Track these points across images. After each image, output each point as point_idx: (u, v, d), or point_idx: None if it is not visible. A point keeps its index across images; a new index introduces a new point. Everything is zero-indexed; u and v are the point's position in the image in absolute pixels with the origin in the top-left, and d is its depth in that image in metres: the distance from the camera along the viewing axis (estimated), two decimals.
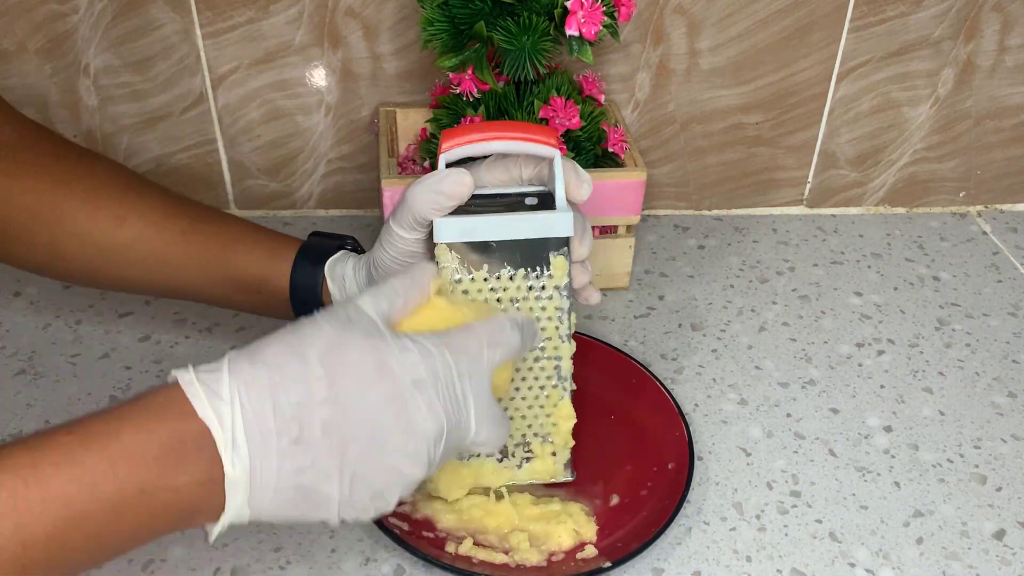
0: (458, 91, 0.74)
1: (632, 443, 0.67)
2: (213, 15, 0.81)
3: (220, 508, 0.43)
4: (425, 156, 0.80)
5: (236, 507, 0.43)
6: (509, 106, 0.75)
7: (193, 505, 0.43)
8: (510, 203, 0.58)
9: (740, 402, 0.73)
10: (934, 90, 0.89)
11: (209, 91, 0.85)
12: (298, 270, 0.62)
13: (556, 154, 0.56)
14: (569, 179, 0.57)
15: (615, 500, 0.64)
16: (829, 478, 0.68)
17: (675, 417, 0.67)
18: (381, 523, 0.59)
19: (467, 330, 0.49)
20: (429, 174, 0.56)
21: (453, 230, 0.56)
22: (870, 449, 0.70)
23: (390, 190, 0.74)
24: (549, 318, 0.58)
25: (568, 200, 0.57)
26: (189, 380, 0.43)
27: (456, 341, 0.48)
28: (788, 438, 0.71)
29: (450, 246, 0.56)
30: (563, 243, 0.57)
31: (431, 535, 0.60)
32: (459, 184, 0.55)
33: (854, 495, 0.66)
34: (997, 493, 0.67)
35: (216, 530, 0.44)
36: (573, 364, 0.60)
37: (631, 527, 0.61)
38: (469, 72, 0.73)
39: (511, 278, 0.57)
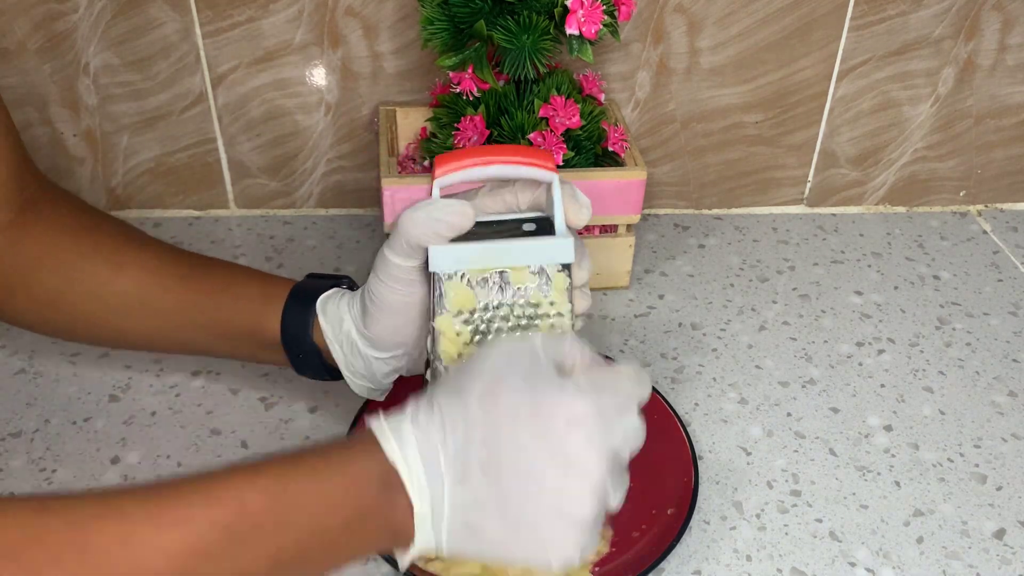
0: (458, 90, 0.74)
1: (636, 481, 0.65)
2: (213, 14, 0.81)
3: (412, 536, 0.47)
4: (425, 155, 0.80)
5: (424, 538, 0.47)
6: (509, 105, 0.75)
7: (397, 531, 0.47)
8: (508, 229, 0.56)
9: (740, 401, 0.73)
10: (934, 89, 0.89)
11: (209, 90, 0.85)
12: (288, 312, 0.61)
13: (554, 178, 0.55)
14: (568, 204, 0.55)
15: (607, 534, 0.62)
16: (829, 477, 0.68)
17: (688, 461, 0.65)
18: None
19: (614, 372, 0.50)
20: (425, 201, 0.54)
21: (449, 259, 0.54)
22: (870, 448, 0.70)
23: (390, 189, 0.74)
24: (552, 326, 0.56)
25: (566, 225, 0.56)
26: (379, 427, 0.47)
27: (607, 381, 0.49)
28: (788, 437, 0.71)
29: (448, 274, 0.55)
30: (564, 268, 0.56)
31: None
32: (460, 215, 0.53)
33: (854, 494, 0.66)
34: (997, 492, 0.67)
35: (407, 559, 0.48)
36: None
37: (615, 566, 0.60)
38: (469, 71, 0.73)
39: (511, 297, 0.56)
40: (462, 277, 0.55)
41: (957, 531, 0.64)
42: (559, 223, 0.55)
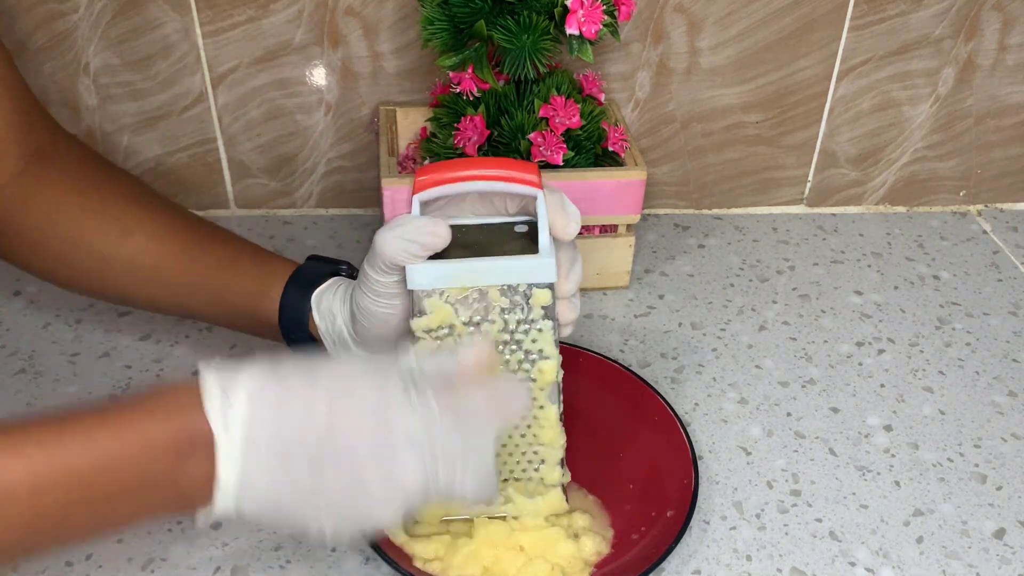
0: (458, 90, 0.74)
1: (637, 483, 0.65)
2: (213, 14, 0.81)
3: (206, 502, 0.46)
4: (425, 155, 0.80)
5: (224, 508, 0.46)
6: (509, 105, 0.75)
7: (190, 498, 0.46)
8: (499, 233, 0.56)
9: (740, 401, 0.73)
10: (934, 89, 0.89)
11: (209, 90, 0.85)
12: (287, 298, 0.61)
13: (539, 194, 0.53)
14: (555, 217, 0.54)
15: (607, 535, 0.62)
16: (829, 477, 0.68)
17: (688, 461, 0.64)
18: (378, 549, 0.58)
19: (478, 396, 0.49)
20: (400, 218, 0.53)
21: (427, 277, 0.54)
22: (870, 448, 0.70)
23: (390, 189, 0.74)
24: (534, 340, 0.56)
25: (554, 237, 0.54)
26: (208, 382, 0.45)
27: (466, 406, 0.48)
28: (788, 437, 0.71)
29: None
30: (546, 285, 0.55)
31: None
32: (433, 235, 0.53)
33: (854, 494, 0.66)
34: (997, 492, 0.67)
35: (201, 520, 0.47)
36: (562, 383, 0.58)
37: (615, 566, 0.59)
38: (469, 71, 0.73)
39: (490, 315, 0.55)
40: (441, 294, 0.54)
41: (957, 531, 0.64)
42: (543, 241, 0.54)
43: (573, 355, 0.70)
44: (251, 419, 0.45)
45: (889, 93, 0.89)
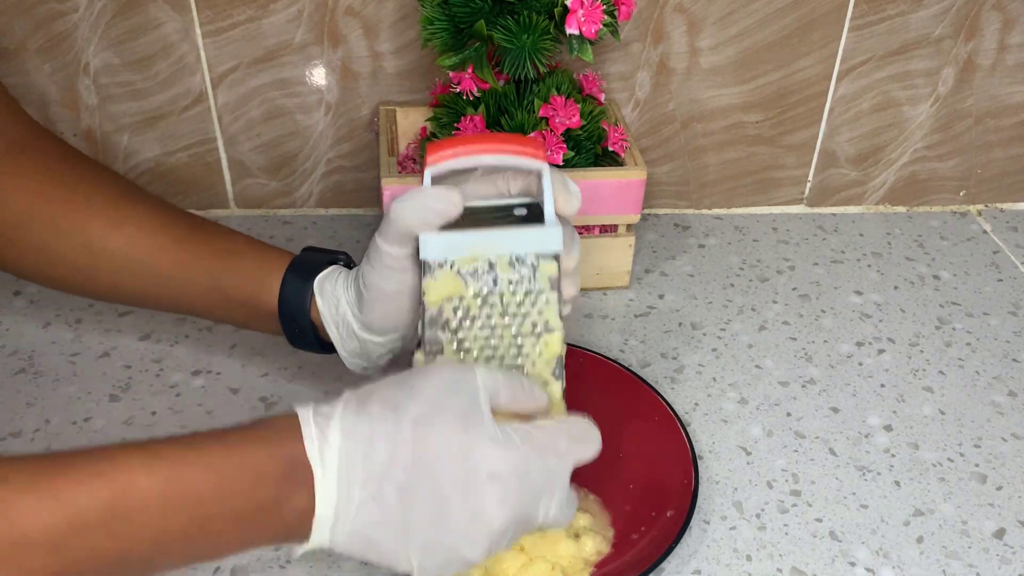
0: (458, 90, 0.74)
1: (637, 483, 0.65)
2: (213, 14, 0.81)
3: (307, 535, 0.48)
4: (425, 155, 0.80)
5: (319, 540, 0.48)
6: (509, 105, 0.75)
7: (290, 528, 0.48)
8: (499, 216, 0.57)
9: (740, 401, 0.73)
10: (934, 89, 0.89)
11: (209, 90, 0.85)
12: (287, 286, 0.61)
13: (544, 167, 0.55)
14: (558, 192, 0.56)
15: (608, 534, 0.62)
16: (829, 477, 0.68)
17: (688, 461, 0.64)
18: None
19: (556, 428, 0.51)
20: (414, 189, 0.55)
21: (439, 247, 0.55)
22: (870, 448, 0.70)
23: (390, 189, 0.74)
24: (540, 312, 0.57)
25: (557, 214, 0.56)
26: (305, 419, 0.47)
27: (545, 439, 0.50)
28: (788, 437, 0.71)
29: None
30: (552, 256, 0.56)
31: None
32: (447, 202, 0.54)
33: (854, 494, 0.66)
34: (997, 492, 0.67)
35: (299, 552, 0.49)
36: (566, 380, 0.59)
37: (615, 566, 0.59)
38: (469, 71, 0.73)
39: (497, 282, 0.56)
40: (451, 266, 0.55)
41: (957, 531, 0.64)
42: (548, 211, 0.56)
43: (573, 355, 0.70)
44: (344, 455, 0.47)
45: (889, 93, 0.89)
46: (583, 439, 0.51)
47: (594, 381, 0.70)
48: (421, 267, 0.56)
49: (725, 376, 0.76)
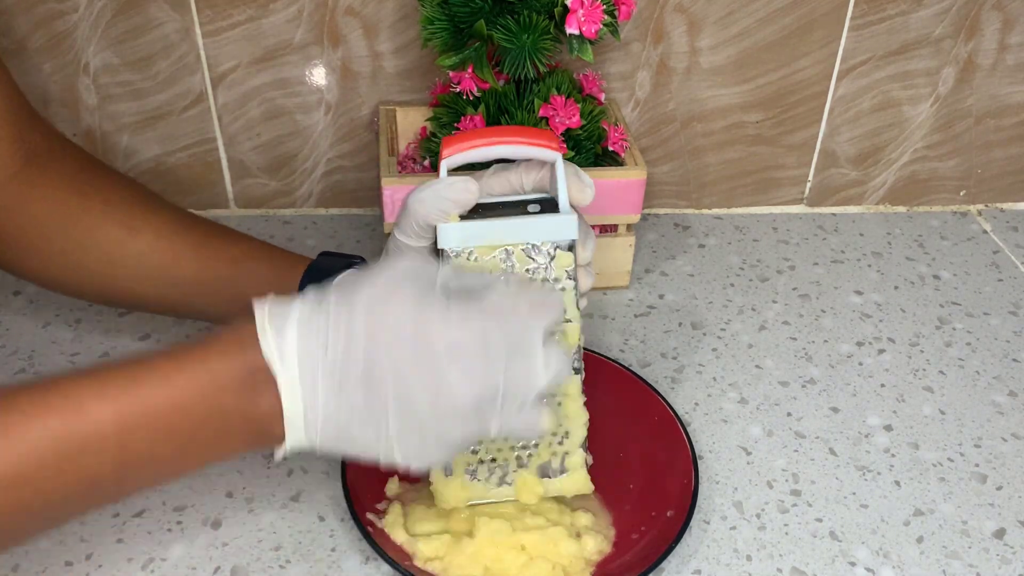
0: (458, 90, 0.74)
1: (637, 483, 0.65)
2: (213, 13, 0.81)
3: (282, 437, 0.48)
4: (425, 155, 0.80)
5: (294, 438, 0.48)
6: (509, 105, 0.75)
7: (261, 431, 0.48)
8: (513, 210, 0.57)
9: (740, 401, 0.73)
10: (934, 89, 0.89)
11: (209, 90, 0.85)
12: (304, 289, 0.61)
13: (558, 157, 0.56)
14: (571, 183, 0.56)
15: (610, 534, 0.62)
16: (829, 477, 0.67)
17: (688, 461, 0.64)
18: (375, 544, 0.58)
19: (513, 294, 0.49)
20: (431, 181, 0.55)
21: (458, 236, 0.55)
22: (870, 448, 0.70)
23: (390, 189, 0.74)
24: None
25: (571, 204, 0.57)
26: (261, 320, 0.47)
27: (502, 304, 0.49)
28: (788, 437, 0.71)
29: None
30: (568, 246, 0.57)
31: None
32: (465, 191, 0.54)
33: (854, 494, 0.66)
34: (997, 492, 0.67)
35: (279, 454, 0.49)
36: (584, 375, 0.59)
37: (615, 566, 0.59)
38: (469, 71, 0.73)
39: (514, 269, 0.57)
40: (470, 255, 0.56)
41: (957, 531, 0.64)
42: (563, 201, 0.56)
43: None
44: (302, 351, 0.47)
45: (889, 93, 0.89)
46: (543, 302, 0.50)
47: (594, 381, 0.70)
48: (439, 257, 0.56)
49: (725, 376, 0.76)
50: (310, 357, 0.47)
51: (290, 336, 0.47)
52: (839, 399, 0.74)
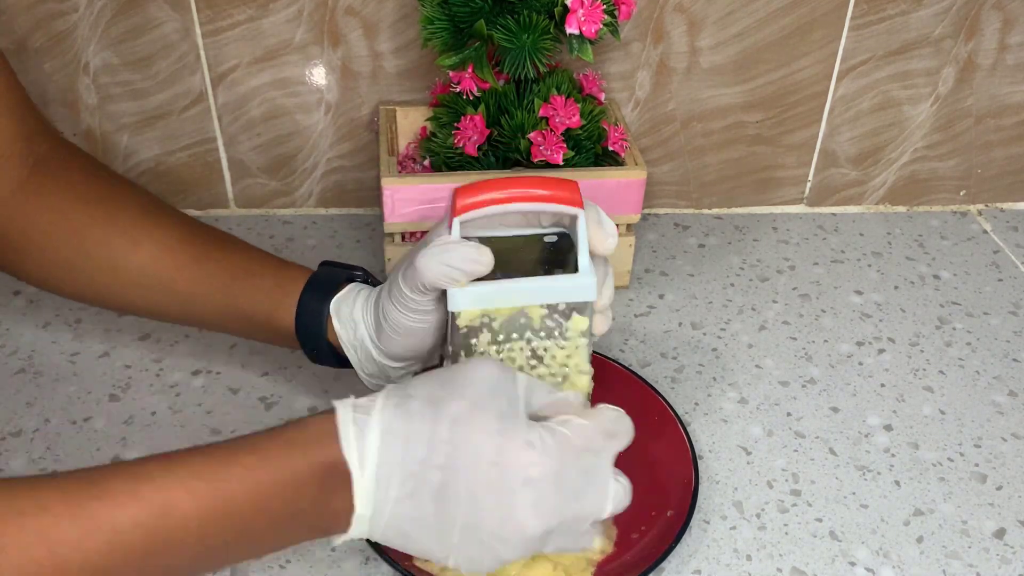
0: (458, 89, 0.74)
1: (637, 482, 0.65)
2: (213, 13, 0.81)
3: (346, 529, 0.49)
4: (425, 155, 0.80)
5: (359, 533, 0.49)
6: (509, 105, 0.75)
7: (329, 526, 0.49)
8: (528, 245, 0.56)
9: (740, 401, 0.73)
10: (935, 88, 0.89)
11: (209, 89, 0.85)
12: (303, 306, 0.61)
13: (580, 213, 0.54)
14: (593, 231, 0.55)
15: (612, 533, 0.62)
16: (829, 477, 0.67)
17: (688, 461, 0.64)
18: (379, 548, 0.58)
19: (590, 427, 0.50)
20: (441, 242, 0.53)
21: (468, 299, 0.54)
22: (870, 448, 0.70)
23: (390, 189, 0.74)
24: (568, 356, 0.56)
25: (591, 252, 0.55)
26: (344, 419, 0.48)
27: (579, 440, 0.50)
28: (788, 437, 0.70)
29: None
30: (585, 308, 0.55)
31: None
32: (476, 263, 0.53)
33: (854, 494, 0.66)
34: (997, 492, 0.67)
35: (338, 542, 0.50)
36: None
37: (615, 566, 0.59)
38: (469, 70, 0.73)
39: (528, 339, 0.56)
40: (480, 316, 0.55)
41: (957, 531, 0.64)
42: (583, 261, 0.54)
43: None
44: (382, 455, 0.47)
45: (889, 93, 0.89)
46: (616, 431, 0.51)
47: (594, 381, 0.70)
48: (448, 317, 0.55)
49: (725, 376, 0.75)
50: (388, 460, 0.47)
51: (371, 438, 0.47)
52: (839, 399, 0.74)
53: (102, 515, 0.43)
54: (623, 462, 0.66)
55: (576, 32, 0.69)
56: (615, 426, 0.51)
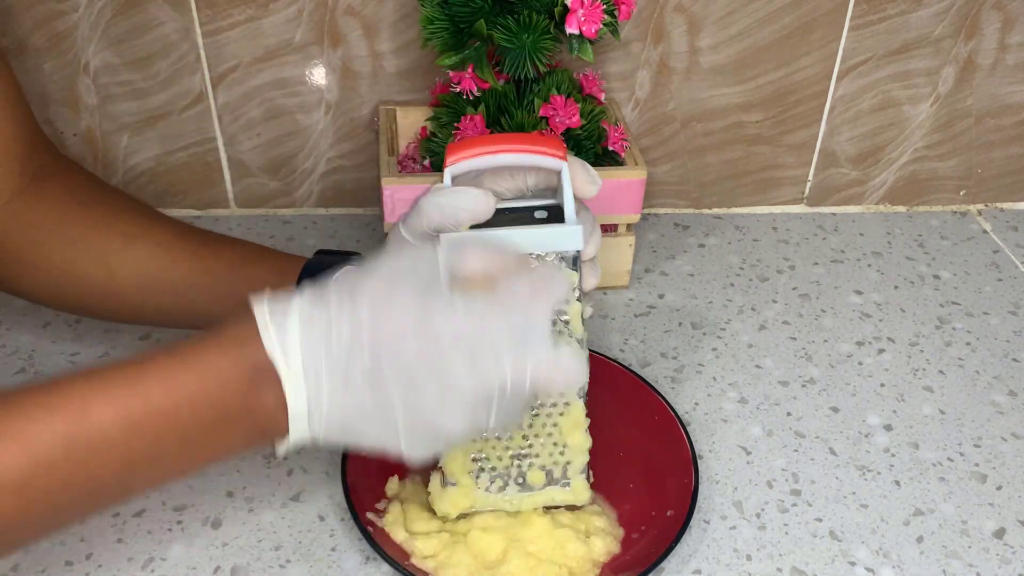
0: (458, 89, 0.74)
1: (637, 482, 0.65)
2: (213, 13, 0.81)
3: (285, 432, 0.48)
4: (425, 155, 0.80)
5: (298, 433, 0.48)
6: (509, 104, 0.75)
7: (265, 427, 0.48)
8: (519, 217, 0.56)
9: (740, 401, 0.73)
10: (935, 88, 0.89)
11: (209, 89, 0.85)
12: (302, 288, 0.61)
13: (564, 166, 0.55)
14: (576, 175, 0.55)
15: (618, 534, 0.62)
16: (829, 477, 0.68)
17: (688, 461, 0.64)
18: (375, 544, 0.58)
19: (515, 280, 0.49)
20: (447, 188, 0.54)
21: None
22: (870, 448, 0.70)
23: (390, 188, 0.74)
24: (560, 316, 0.57)
25: (575, 196, 0.56)
26: (262, 317, 0.47)
27: (504, 293, 0.48)
28: (788, 437, 0.71)
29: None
30: (573, 259, 0.56)
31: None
32: (482, 206, 0.53)
33: (854, 494, 0.66)
34: (997, 492, 0.67)
35: (282, 450, 0.49)
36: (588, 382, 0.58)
37: (615, 566, 0.59)
38: (469, 70, 0.73)
39: None
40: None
41: (957, 530, 0.64)
42: (568, 212, 0.55)
43: None
44: (305, 345, 0.46)
45: (889, 92, 0.89)
46: (546, 286, 0.49)
47: (594, 381, 0.70)
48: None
49: (725, 376, 0.76)
50: (313, 352, 0.47)
51: (292, 331, 0.47)
52: (839, 399, 0.74)
53: (16, 427, 0.43)
54: (623, 461, 0.66)
55: (576, 32, 0.69)
56: (546, 276, 0.49)
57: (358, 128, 0.88)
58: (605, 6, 0.69)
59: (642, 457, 0.66)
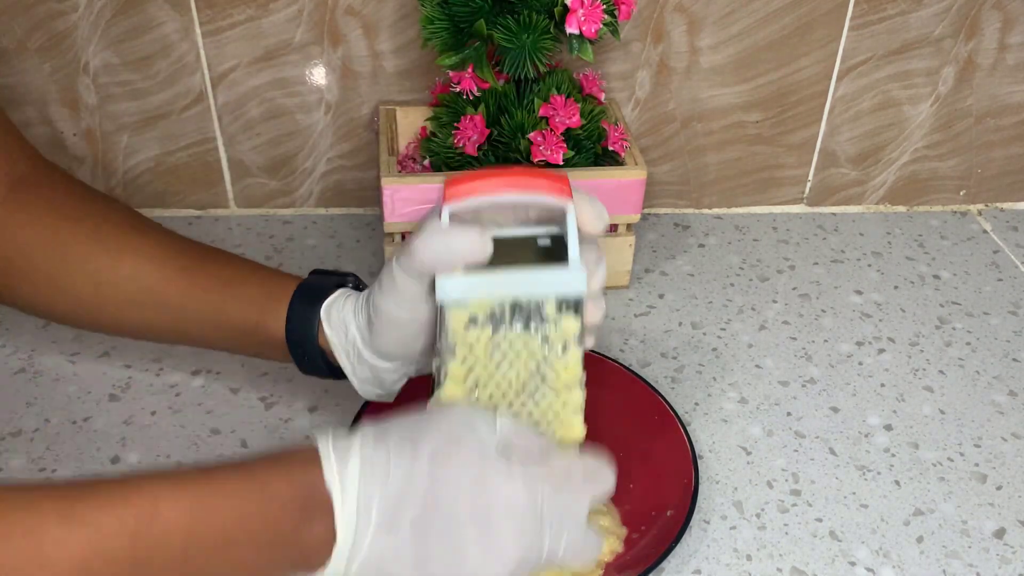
0: (458, 89, 0.74)
1: (637, 482, 0.65)
2: (213, 13, 0.81)
3: (324, 562, 0.47)
4: (425, 155, 0.80)
5: (336, 568, 0.48)
6: (509, 104, 0.75)
7: (308, 557, 0.47)
8: (521, 246, 0.55)
9: (740, 401, 0.73)
10: (935, 88, 0.89)
11: (209, 89, 0.85)
12: (293, 312, 0.60)
13: (569, 205, 0.53)
14: (582, 210, 0.54)
15: (622, 533, 0.62)
16: (829, 477, 0.68)
17: (688, 461, 0.64)
18: None
19: (571, 464, 0.50)
20: (441, 227, 0.52)
21: (458, 288, 0.53)
22: (870, 448, 0.70)
23: (390, 188, 0.74)
24: (552, 367, 0.55)
25: (580, 231, 0.54)
26: (325, 448, 0.47)
27: (560, 473, 0.49)
28: (788, 437, 0.71)
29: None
30: (575, 303, 0.54)
31: None
32: (476, 248, 0.52)
33: (854, 494, 0.66)
34: (997, 492, 0.67)
35: None
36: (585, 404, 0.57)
37: (615, 566, 0.59)
38: (469, 70, 0.73)
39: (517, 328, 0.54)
40: (467, 308, 0.54)
41: (957, 530, 0.64)
42: (572, 253, 0.53)
43: None
44: (362, 485, 0.47)
45: (889, 92, 0.89)
46: (597, 477, 0.51)
47: (594, 381, 0.69)
48: (437, 311, 0.54)
49: (725, 376, 0.76)
50: (369, 491, 0.47)
51: (352, 468, 0.47)
52: (839, 399, 0.74)
53: (89, 515, 0.43)
54: (624, 461, 0.66)
55: (576, 32, 0.69)
56: (596, 471, 0.51)
57: (358, 128, 0.88)
58: (605, 6, 0.69)
59: (642, 457, 0.66)
